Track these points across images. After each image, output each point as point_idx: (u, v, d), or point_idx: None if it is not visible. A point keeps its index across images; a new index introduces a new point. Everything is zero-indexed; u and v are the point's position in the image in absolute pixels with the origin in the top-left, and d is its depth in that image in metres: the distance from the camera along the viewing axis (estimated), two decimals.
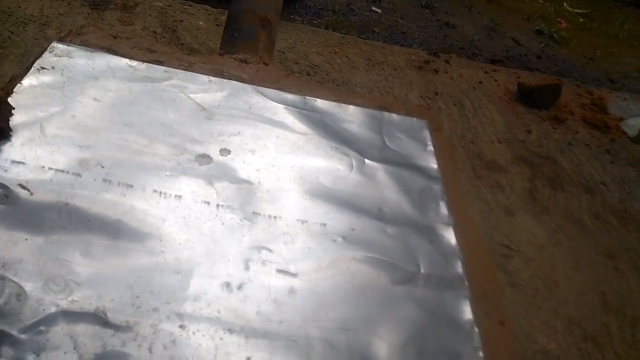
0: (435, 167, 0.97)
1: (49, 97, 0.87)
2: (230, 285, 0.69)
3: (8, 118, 0.77)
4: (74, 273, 0.64)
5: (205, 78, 1.02)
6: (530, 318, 1.57)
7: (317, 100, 1.06)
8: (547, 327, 1.56)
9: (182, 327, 0.63)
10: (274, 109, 1.01)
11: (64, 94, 0.88)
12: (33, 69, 0.91)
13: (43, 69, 0.91)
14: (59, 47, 0.97)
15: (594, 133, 2.53)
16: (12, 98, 0.81)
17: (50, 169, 0.75)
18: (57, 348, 0.57)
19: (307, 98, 1.06)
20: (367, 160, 0.96)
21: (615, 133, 2.56)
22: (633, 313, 1.68)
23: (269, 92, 1.05)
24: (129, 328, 0.61)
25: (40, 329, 0.58)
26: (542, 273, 1.74)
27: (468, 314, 0.74)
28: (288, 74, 1.20)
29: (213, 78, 1.03)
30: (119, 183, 0.77)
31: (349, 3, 3.46)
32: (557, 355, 1.46)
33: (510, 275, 1.69)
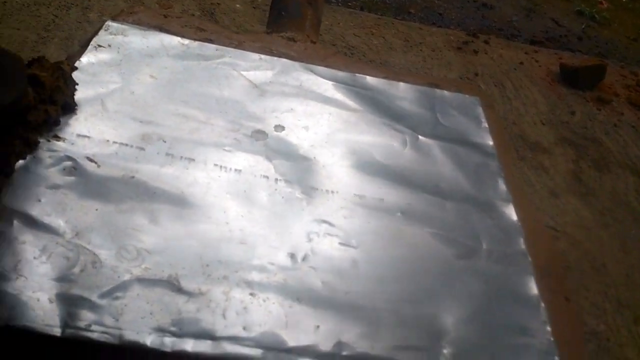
0: (491, 143, 0.95)
1: (107, 73, 0.88)
2: (295, 256, 0.70)
3: (73, 93, 0.79)
4: (144, 241, 0.66)
5: (256, 56, 1.02)
6: (579, 299, 1.54)
7: (366, 77, 1.05)
8: (595, 308, 1.53)
9: (252, 294, 0.64)
10: (324, 86, 1.01)
11: (121, 71, 0.89)
12: (90, 47, 0.92)
13: (100, 47, 0.93)
14: (113, 25, 0.98)
15: None
16: (73, 74, 0.83)
17: (115, 143, 0.77)
18: (134, 312, 0.58)
19: (356, 75, 1.05)
20: (420, 137, 0.94)
21: None
22: None
23: (319, 69, 1.04)
24: (202, 294, 0.62)
25: (117, 295, 0.60)
26: (589, 255, 1.70)
27: (533, 289, 0.73)
28: (335, 52, 1.19)
29: (263, 56, 1.03)
30: (181, 157, 0.78)
31: None
32: (606, 337, 1.44)
33: None
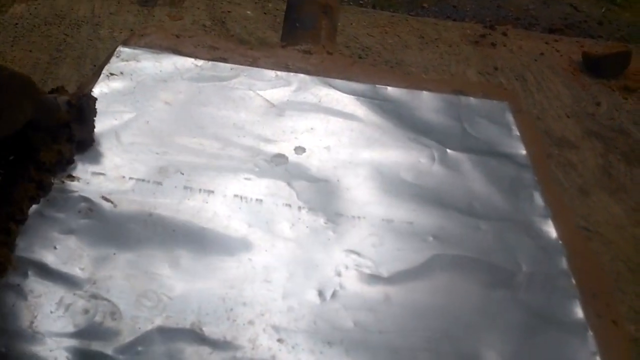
0: (524, 152, 0.90)
1: (121, 103, 0.85)
2: (323, 294, 0.66)
3: (93, 127, 0.76)
4: (165, 287, 0.63)
5: (272, 73, 0.99)
6: (615, 304, 1.48)
7: (387, 88, 1.01)
8: (633, 312, 1.46)
9: (279, 340, 0.60)
10: (345, 101, 0.96)
11: (135, 99, 0.86)
12: (102, 75, 0.89)
13: (112, 75, 0.90)
14: (125, 50, 0.95)
15: None
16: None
17: (131, 179, 0.74)
18: None
19: (376, 86, 1.01)
20: (448, 150, 0.90)
21: None
22: None
23: (337, 82, 1.00)
24: (227, 343, 0.59)
25: (138, 349, 0.57)
26: (623, 255, 1.64)
27: (579, 314, 0.68)
28: (353, 62, 1.15)
29: (279, 72, 0.99)
30: (200, 189, 0.74)
31: None
32: None
33: None
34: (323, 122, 0.91)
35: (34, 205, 0.67)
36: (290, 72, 1.01)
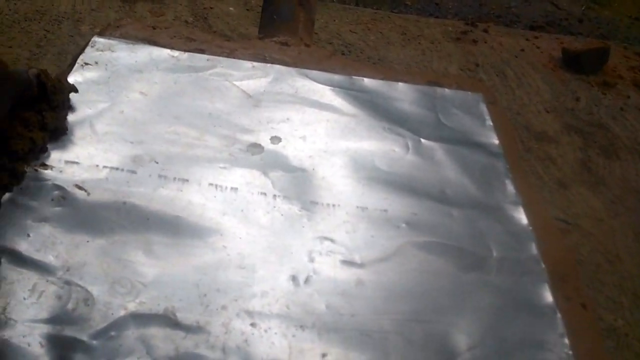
0: (497, 142, 0.92)
1: (95, 92, 0.85)
2: (297, 279, 0.67)
3: (67, 115, 0.76)
4: (139, 273, 0.63)
5: (248, 64, 0.99)
6: (594, 294, 1.50)
7: (363, 80, 1.02)
8: (612, 303, 1.49)
9: (252, 324, 0.61)
10: (321, 91, 0.97)
11: (110, 89, 0.86)
12: (77, 65, 0.89)
13: (86, 65, 0.89)
14: (100, 40, 0.95)
15: None
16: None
17: (105, 167, 0.74)
18: (129, 353, 0.55)
19: (353, 77, 1.02)
20: (422, 140, 0.91)
21: None
22: None
23: (314, 73, 1.01)
24: (200, 328, 0.59)
25: (111, 334, 0.57)
26: (602, 247, 1.66)
27: (548, 298, 0.70)
28: (330, 54, 1.16)
29: (256, 63, 1.00)
30: (174, 178, 0.75)
31: None
32: (625, 332, 1.40)
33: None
34: (299, 112, 0.92)
35: (7, 194, 0.67)
36: (267, 63, 1.01)
